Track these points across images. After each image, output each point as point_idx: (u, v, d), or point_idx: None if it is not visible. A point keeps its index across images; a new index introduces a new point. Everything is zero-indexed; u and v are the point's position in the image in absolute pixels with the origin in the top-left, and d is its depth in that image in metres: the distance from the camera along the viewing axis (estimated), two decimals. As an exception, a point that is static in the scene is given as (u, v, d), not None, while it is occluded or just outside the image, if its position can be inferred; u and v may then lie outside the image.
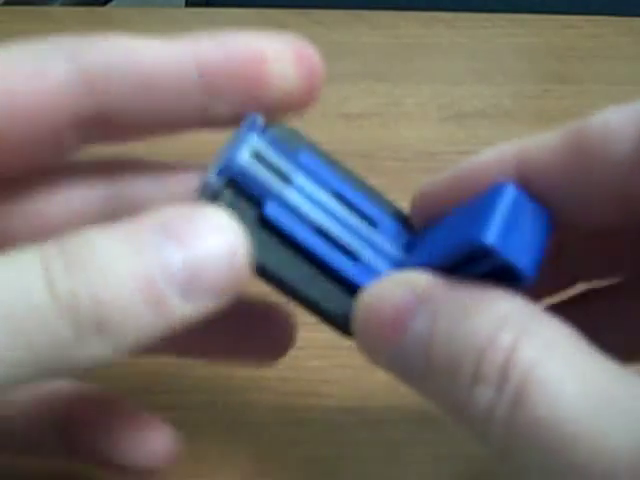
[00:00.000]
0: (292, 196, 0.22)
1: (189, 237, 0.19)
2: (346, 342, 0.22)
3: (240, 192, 0.21)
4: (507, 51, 0.48)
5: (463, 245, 0.19)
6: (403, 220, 0.23)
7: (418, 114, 0.44)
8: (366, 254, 0.22)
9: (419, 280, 0.20)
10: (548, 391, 0.17)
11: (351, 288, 0.22)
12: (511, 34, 0.49)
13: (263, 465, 0.29)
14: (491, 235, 0.19)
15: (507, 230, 0.19)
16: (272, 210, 0.21)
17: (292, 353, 0.25)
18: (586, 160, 0.20)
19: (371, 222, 0.23)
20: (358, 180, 0.23)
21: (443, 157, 0.41)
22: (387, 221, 0.23)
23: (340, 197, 0.22)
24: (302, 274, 0.21)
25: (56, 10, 0.55)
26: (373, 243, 0.22)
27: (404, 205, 0.24)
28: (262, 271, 0.21)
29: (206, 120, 0.23)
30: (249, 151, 0.21)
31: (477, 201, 0.21)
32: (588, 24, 0.50)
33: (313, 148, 0.23)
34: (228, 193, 0.21)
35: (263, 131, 0.22)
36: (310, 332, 0.25)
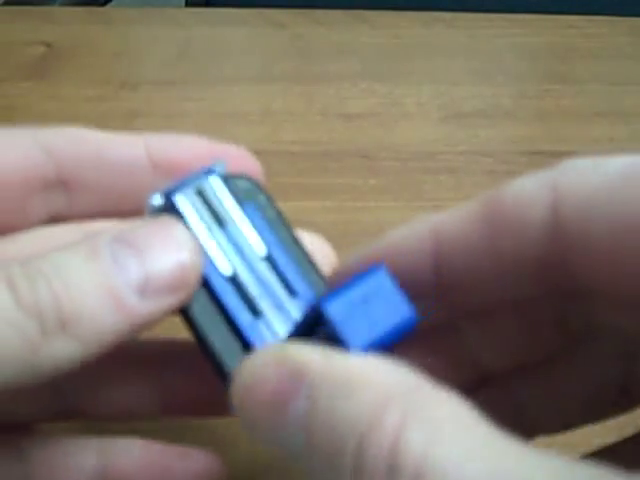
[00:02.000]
0: (217, 239, 0.22)
1: (144, 243, 0.20)
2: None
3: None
4: (507, 51, 0.48)
5: (310, 310, 0.21)
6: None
7: (418, 114, 0.44)
8: (270, 315, 0.22)
9: (299, 355, 0.18)
10: (448, 475, 0.15)
11: (244, 343, 0.22)
12: (511, 34, 0.49)
13: (263, 465, 0.29)
14: (332, 304, 0.20)
15: (353, 305, 0.20)
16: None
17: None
18: (501, 229, 0.20)
19: (290, 289, 0.22)
20: (299, 249, 0.23)
21: (443, 157, 0.42)
22: (308, 294, 0.22)
23: (268, 257, 0.23)
24: (210, 317, 0.22)
25: (56, 10, 0.55)
26: (282, 307, 0.22)
27: (402, 204, 0.24)
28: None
29: None
30: (195, 189, 0.22)
31: (354, 277, 0.21)
32: (588, 24, 0.50)
33: (266, 206, 0.23)
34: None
35: (223, 177, 0.23)
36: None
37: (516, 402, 0.24)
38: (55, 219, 0.25)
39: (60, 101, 0.44)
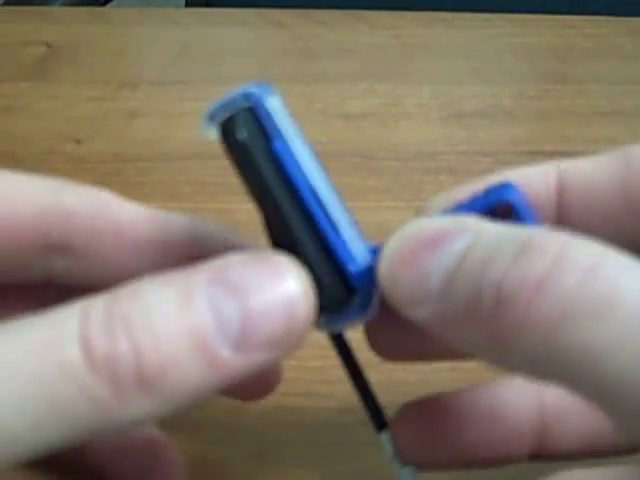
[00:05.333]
0: (296, 147, 0.21)
1: (246, 287, 0.18)
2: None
3: (255, 122, 0.20)
4: (507, 51, 0.48)
5: (491, 199, 0.20)
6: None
7: (418, 114, 0.44)
8: (346, 233, 0.21)
9: (467, 219, 0.19)
10: (631, 274, 0.16)
11: (332, 258, 0.21)
12: (511, 34, 0.49)
13: (263, 465, 0.29)
14: (514, 192, 0.20)
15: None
16: (280, 147, 0.20)
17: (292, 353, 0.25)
18: (631, 185, 0.21)
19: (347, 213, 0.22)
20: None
21: (443, 157, 0.42)
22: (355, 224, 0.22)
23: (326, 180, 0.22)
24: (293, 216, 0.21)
25: (56, 10, 0.55)
26: (353, 226, 0.21)
27: (402, 204, 0.24)
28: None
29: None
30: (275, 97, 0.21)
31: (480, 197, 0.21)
32: (588, 24, 0.50)
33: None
34: (243, 116, 0.20)
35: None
36: (310, 332, 0.25)
37: None
38: (50, 281, 0.23)
39: (60, 101, 0.44)
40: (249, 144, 0.20)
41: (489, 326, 0.17)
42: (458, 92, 0.45)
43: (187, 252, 0.22)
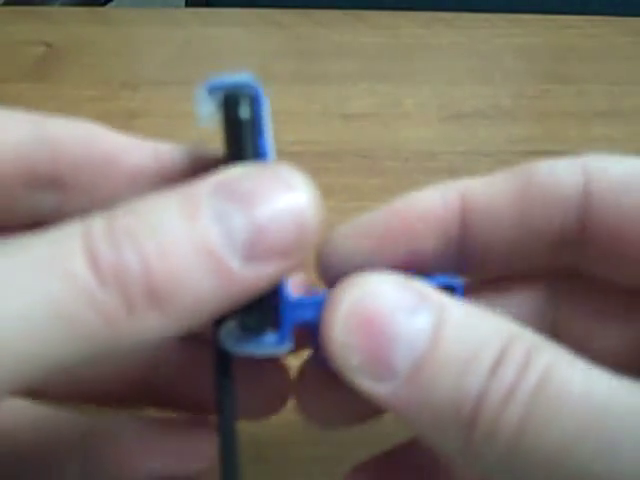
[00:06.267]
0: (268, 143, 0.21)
1: (253, 197, 0.17)
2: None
3: (251, 109, 0.21)
4: (507, 51, 0.48)
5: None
6: None
7: (418, 114, 0.44)
8: None
9: (422, 284, 0.19)
10: (579, 372, 0.17)
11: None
12: (510, 34, 0.49)
13: (263, 465, 0.29)
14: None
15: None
16: (261, 142, 0.20)
17: (293, 353, 0.25)
18: (532, 199, 0.20)
19: None
20: None
21: (443, 157, 0.42)
22: None
23: None
24: None
25: (56, 10, 0.55)
26: None
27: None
28: None
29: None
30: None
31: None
32: (588, 24, 0.50)
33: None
34: (248, 99, 0.21)
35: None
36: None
37: None
38: (38, 220, 0.22)
39: (60, 101, 0.44)
40: (247, 124, 0.20)
41: (461, 432, 0.17)
42: (458, 92, 0.45)
43: (181, 180, 0.21)
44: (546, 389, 0.17)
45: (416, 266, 0.21)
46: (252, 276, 0.17)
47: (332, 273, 0.21)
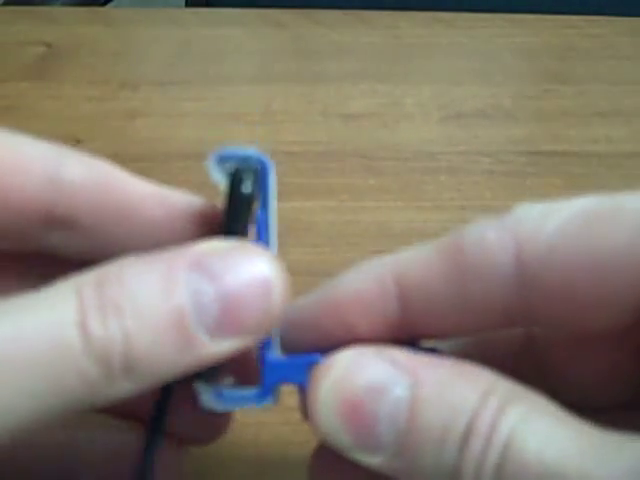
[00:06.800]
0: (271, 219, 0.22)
1: (222, 271, 0.19)
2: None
3: (257, 185, 0.22)
4: (507, 51, 0.48)
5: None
6: None
7: (418, 114, 0.44)
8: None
9: (395, 353, 0.20)
10: (535, 439, 0.18)
11: None
12: (511, 34, 0.49)
13: (263, 465, 0.29)
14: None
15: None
16: (262, 215, 0.22)
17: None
18: (463, 273, 0.20)
19: None
20: None
21: (443, 157, 0.42)
22: None
23: None
24: None
25: (56, 10, 0.55)
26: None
27: (402, 204, 0.24)
28: None
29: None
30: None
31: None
32: (588, 24, 0.50)
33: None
34: (253, 175, 0.22)
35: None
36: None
37: None
38: (44, 255, 0.23)
39: (60, 101, 0.44)
40: (247, 199, 0.21)
41: None
42: (458, 92, 0.45)
43: (188, 230, 0.22)
44: (507, 462, 0.18)
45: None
46: (221, 349, 0.19)
47: (295, 346, 0.22)
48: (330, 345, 0.21)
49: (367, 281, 0.21)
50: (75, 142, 0.42)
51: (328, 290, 0.22)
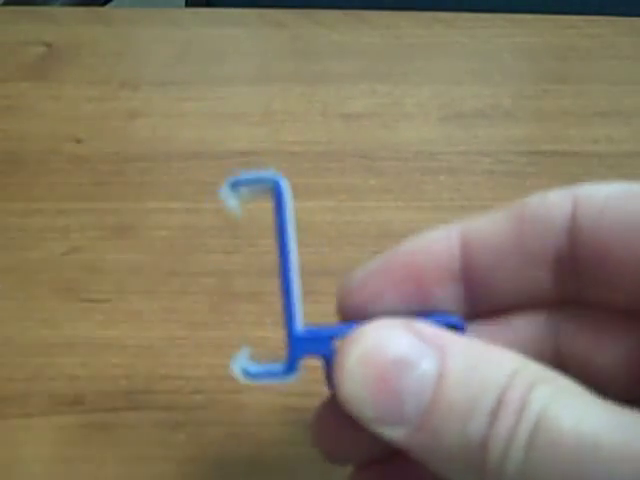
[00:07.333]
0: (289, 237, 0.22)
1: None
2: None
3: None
4: (507, 51, 0.48)
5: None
6: None
7: (418, 114, 0.44)
8: (299, 307, 0.22)
9: (423, 326, 0.20)
10: (569, 413, 0.18)
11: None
12: (510, 34, 0.49)
13: (263, 465, 0.29)
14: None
15: None
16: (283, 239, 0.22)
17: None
18: (523, 223, 0.22)
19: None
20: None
21: (443, 157, 0.42)
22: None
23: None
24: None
25: (56, 10, 0.55)
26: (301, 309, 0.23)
27: (402, 204, 0.24)
28: None
29: None
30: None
31: None
32: (588, 24, 0.50)
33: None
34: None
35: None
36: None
37: None
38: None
39: (60, 101, 0.44)
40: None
41: (473, 475, 0.19)
42: (458, 92, 0.45)
43: None
44: (540, 433, 0.18)
45: (422, 303, 0.23)
46: None
47: (350, 312, 0.23)
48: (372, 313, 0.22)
49: (439, 236, 0.23)
50: (75, 142, 0.42)
51: (405, 245, 0.23)
